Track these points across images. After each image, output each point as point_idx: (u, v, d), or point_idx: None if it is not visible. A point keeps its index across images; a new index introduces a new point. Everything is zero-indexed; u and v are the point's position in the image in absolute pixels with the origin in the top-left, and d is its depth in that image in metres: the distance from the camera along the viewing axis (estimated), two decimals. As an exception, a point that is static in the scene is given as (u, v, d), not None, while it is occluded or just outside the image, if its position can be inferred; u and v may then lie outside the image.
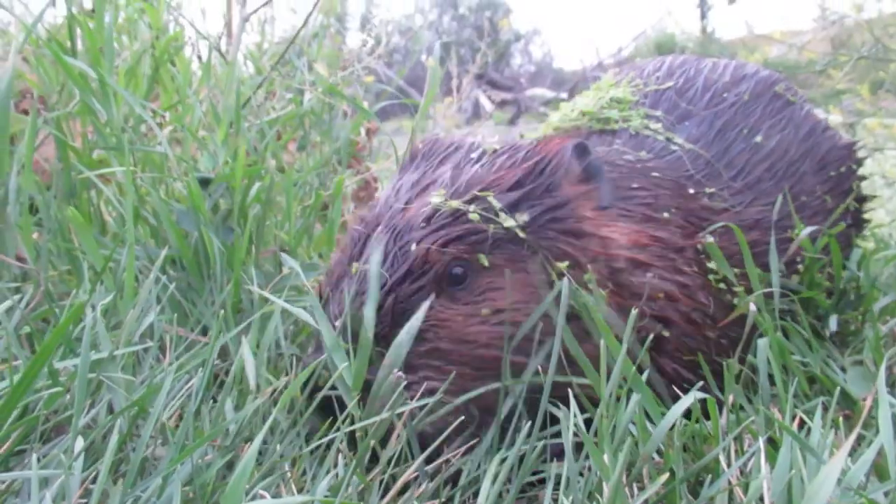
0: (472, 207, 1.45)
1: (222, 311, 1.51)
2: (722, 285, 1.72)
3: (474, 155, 1.60)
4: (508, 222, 1.44)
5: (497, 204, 1.46)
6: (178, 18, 2.84)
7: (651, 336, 1.44)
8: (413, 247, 1.42)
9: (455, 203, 1.46)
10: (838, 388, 1.60)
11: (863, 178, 2.38)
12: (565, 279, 1.40)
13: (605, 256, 1.53)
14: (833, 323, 1.93)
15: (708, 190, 1.87)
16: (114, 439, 1.07)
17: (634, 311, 1.27)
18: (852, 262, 2.27)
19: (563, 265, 1.45)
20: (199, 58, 2.66)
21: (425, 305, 1.38)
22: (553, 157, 1.56)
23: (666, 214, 1.69)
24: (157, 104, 2.62)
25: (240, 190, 1.92)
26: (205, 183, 1.88)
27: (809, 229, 1.92)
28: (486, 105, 16.42)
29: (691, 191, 1.84)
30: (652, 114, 2.05)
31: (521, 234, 1.44)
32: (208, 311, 1.76)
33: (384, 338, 1.37)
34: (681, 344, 1.62)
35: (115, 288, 1.51)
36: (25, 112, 2.39)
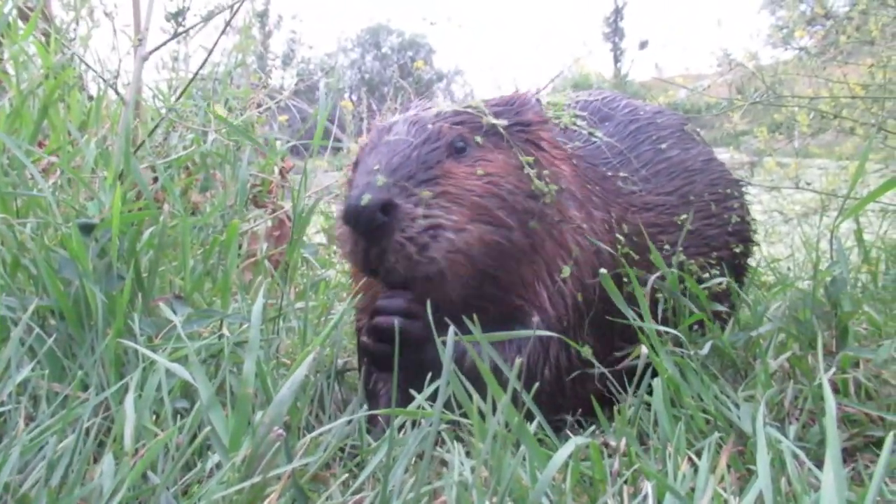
0: (468, 108, 1.96)
1: (100, 366, 1.42)
2: (623, 258, 2.10)
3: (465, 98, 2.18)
4: (492, 120, 1.96)
5: (486, 109, 1.99)
6: (74, 56, 2.74)
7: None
8: (429, 126, 1.90)
9: (455, 105, 1.99)
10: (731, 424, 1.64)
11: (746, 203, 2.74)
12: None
13: (554, 171, 2.01)
14: (706, 347, 2.02)
15: (621, 174, 2.30)
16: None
17: (518, 361, 1.26)
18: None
19: (528, 159, 1.94)
20: (91, 98, 2.56)
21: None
22: (517, 98, 2.11)
23: (589, 186, 2.13)
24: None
25: (126, 235, 1.84)
26: (89, 229, 1.79)
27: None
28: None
29: (609, 173, 2.27)
30: (580, 114, 2.47)
31: (502, 131, 1.96)
32: (89, 363, 1.65)
33: (411, 177, 1.80)
34: (581, 278, 2.01)
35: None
36: None
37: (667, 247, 2.25)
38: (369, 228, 1.74)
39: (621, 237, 2.12)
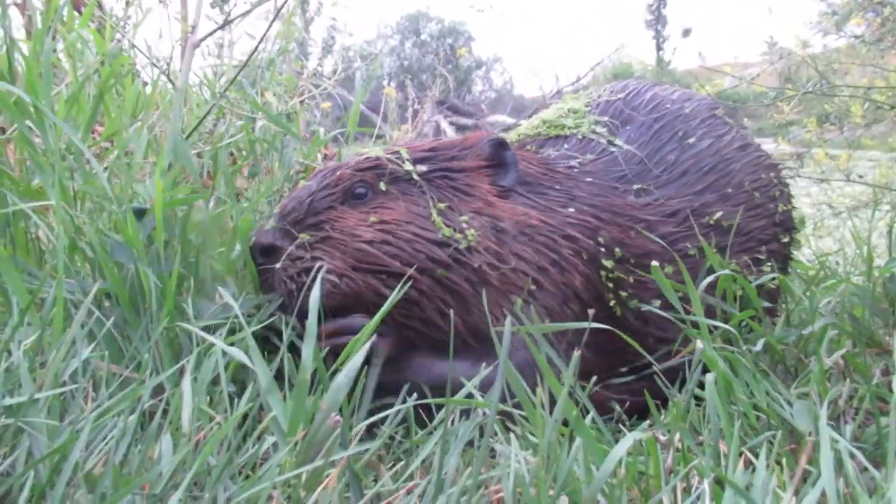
0: (385, 155, 1.98)
1: (155, 348, 1.45)
2: (610, 284, 2.01)
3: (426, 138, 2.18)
4: (407, 167, 1.96)
5: (406, 155, 1.99)
6: (127, 42, 2.78)
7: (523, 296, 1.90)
8: (337, 173, 1.96)
9: (377, 150, 2.01)
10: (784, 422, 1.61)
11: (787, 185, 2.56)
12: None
13: (489, 215, 1.95)
14: (760, 344, 1.95)
15: (635, 186, 2.16)
16: (27, 489, 1.00)
17: (576, 354, 1.25)
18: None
19: (442, 205, 1.91)
20: (145, 84, 2.60)
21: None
22: (467, 141, 2.08)
23: (571, 210, 2.04)
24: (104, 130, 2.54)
25: (179, 220, 1.87)
26: (142, 213, 1.82)
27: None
28: (448, 130, 16.54)
29: (620, 188, 2.15)
30: (600, 119, 2.34)
31: (416, 177, 1.95)
32: (144, 346, 1.69)
33: (299, 222, 1.90)
34: (546, 305, 1.95)
35: (40, 325, 1.43)
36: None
37: (691, 252, 2.12)
38: (258, 267, 1.93)
39: (608, 263, 2.02)
